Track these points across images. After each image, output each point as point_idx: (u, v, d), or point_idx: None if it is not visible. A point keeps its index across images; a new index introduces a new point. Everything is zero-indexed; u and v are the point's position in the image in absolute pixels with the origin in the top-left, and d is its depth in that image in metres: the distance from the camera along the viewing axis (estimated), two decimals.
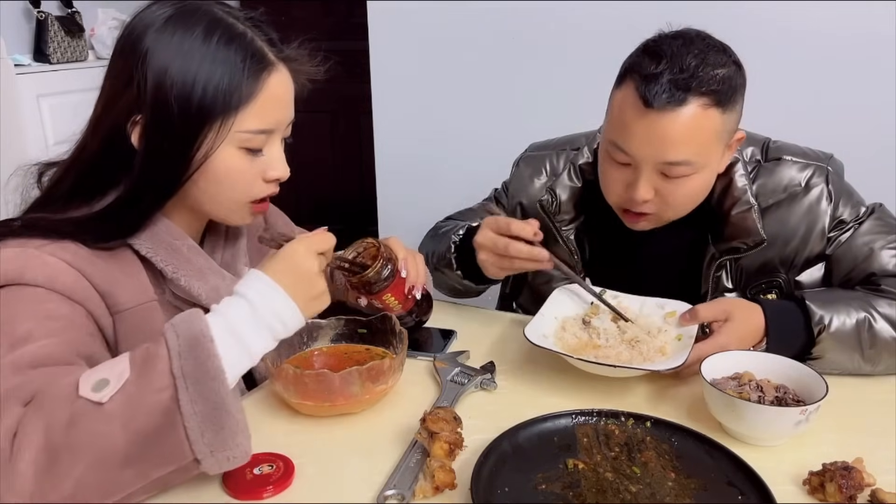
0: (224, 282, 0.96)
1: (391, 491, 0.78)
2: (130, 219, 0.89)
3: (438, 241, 1.29)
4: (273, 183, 0.94)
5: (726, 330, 1.01)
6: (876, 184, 1.26)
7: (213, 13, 0.88)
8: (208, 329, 0.73)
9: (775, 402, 0.89)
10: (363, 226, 3.63)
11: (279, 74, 0.90)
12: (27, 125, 2.61)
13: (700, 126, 1.00)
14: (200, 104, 0.84)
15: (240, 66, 0.86)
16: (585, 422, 0.89)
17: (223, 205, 0.92)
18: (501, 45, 2.15)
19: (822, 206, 1.13)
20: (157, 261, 0.90)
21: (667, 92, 0.97)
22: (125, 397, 0.69)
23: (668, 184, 1.04)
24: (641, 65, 1.01)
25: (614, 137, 1.05)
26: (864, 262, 1.11)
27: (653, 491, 0.77)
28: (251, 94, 0.86)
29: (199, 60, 0.84)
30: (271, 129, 0.90)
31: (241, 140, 0.88)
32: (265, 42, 0.89)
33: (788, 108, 1.87)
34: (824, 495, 0.77)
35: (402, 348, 1.00)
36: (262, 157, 0.91)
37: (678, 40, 1.02)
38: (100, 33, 3.00)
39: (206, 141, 0.86)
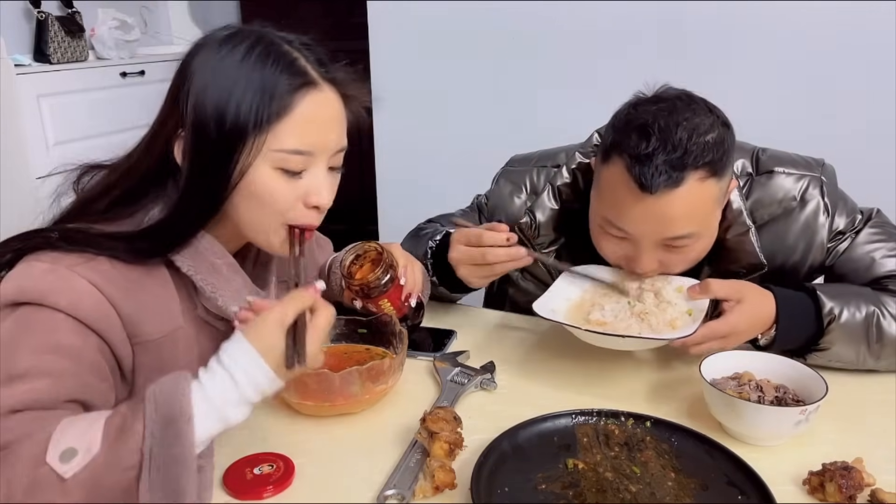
0: None
1: (391, 491, 0.78)
2: (173, 236, 0.88)
3: (417, 243, 1.25)
4: (314, 211, 0.90)
5: (738, 310, 0.99)
6: (872, 183, 1.25)
7: (262, 34, 0.87)
8: (189, 406, 0.72)
9: (775, 402, 0.89)
10: (363, 226, 3.64)
11: (321, 95, 0.87)
12: (27, 125, 2.60)
13: (699, 199, 0.98)
14: (235, 119, 0.83)
15: (274, 81, 0.84)
16: (585, 422, 0.89)
17: (261, 226, 0.89)
18: (501, 46, 2.16)
19: (820, 220, 1.11)
20: (197, 279, 0.89)
21: (664, 174, 0.94)
22: (89, 475, 0.69)
23: (671, 253, 1.03)
24: (629, 144, 0.97)
25: (609, 216, 1.02)
26: (866, 272, 1.10)
27: (653, 491, 0.77)
28: (284, 109, 0.84)
29: (235, 76, 0.84)
30: (310, 152, 0.87)
31: (277, 160, 0.85)
32: (312, 62, 0.88)
33: (782, 108, 1.87)
34: (824, 495, 0.77)
35: (402, 348, 1.00)
36: (303, 181, 0.88)
37: (663, 110, 0.98)
38: (100, 33, 3.00)
39: (241, 157, 0.84)
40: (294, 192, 0.87)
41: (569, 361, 1.10)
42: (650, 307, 1.04)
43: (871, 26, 1.82)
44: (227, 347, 0.77)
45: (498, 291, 1.36)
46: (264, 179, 0.86)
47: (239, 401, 0.75)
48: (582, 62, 2.04)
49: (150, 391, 0.73)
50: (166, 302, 0.89)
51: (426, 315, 1.24)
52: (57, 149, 2.69)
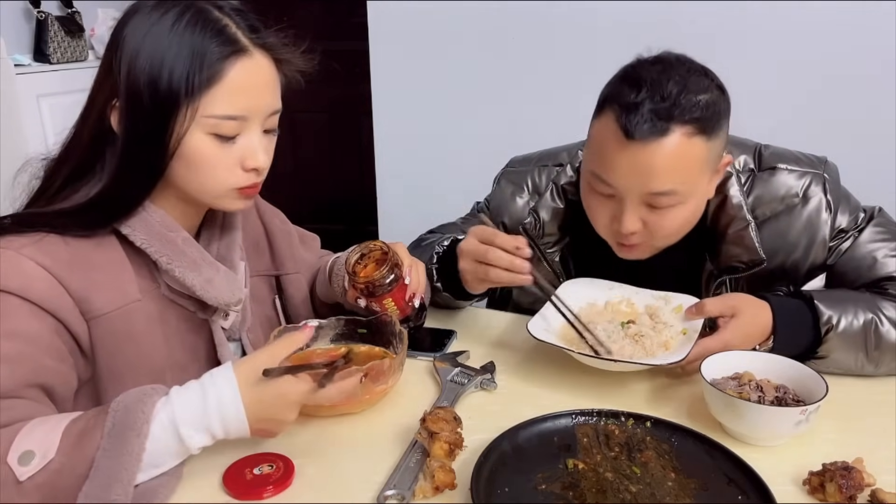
0: (218, 274, 0.96)
1: (391, 491, 0.78)
2: (115, 205, 0.89)
3: (421, 252, 1.23)
4: (253, 172, 0.92)
5: (732, 326, 0.99)
6: (873, 184, 1.25)
7: (191, 1, 0.88)
8: (145, 423, 0.74)
9: (775, 402, 0.89)
10: (363, 226, 3.64)
11: (252, 60, 0.88)
12: (27, 125, 2.60)
13: (684, 155, 0.97)
14: (168, 87, 0.84)
15: (204, 49, 0.85)
16: (585, 422, 0.89)
17: (208, 191, 0.92)
18: (501, 46, 2.16)
19: (822, 217, 1.11)
20: (151, 252, 0.90)
21: (648, 122, 0.94)
22: (45, 478, 0.71)
23: (655, 214, 1.02)
24: (620, 94, 0.98)
25: (595, 168, 1.03)
26: (867, 272, 1.10)
27: (653, 491, 0.77)
28: (214, 76, 0.86)
29: (166, 44, 0.85)
30: (242, 116, 0.88)
31: (210, 125, 0.87)
32: (244, 28, 0.89)
33: (784, 108, 1.87)
34: (824, 495, 0.77)
35: (402, 348, 1.00)
36: (237, 146, 0.90)
37: (657, 66, 0.99)
38: (100, 33, 3.00)
39: (176, 125, 0.85)
40: (230, 156, 0.89)
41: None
42: (645, 329, 1.04)
43: (871, 27, 1.82)
44: (213, 373, 0.80)
45: (501, 291, 1.36)
46: (199, 146, 0.87)
47: (200, 426, 0.77)
48: (582, 62, 2.04)
49: (115, 402, 0.76)
50: (118, 275, 0.89)
51: (427, 315, 1.24)
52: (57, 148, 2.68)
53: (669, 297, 1.11)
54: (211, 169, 0.89)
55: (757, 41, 1.90)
